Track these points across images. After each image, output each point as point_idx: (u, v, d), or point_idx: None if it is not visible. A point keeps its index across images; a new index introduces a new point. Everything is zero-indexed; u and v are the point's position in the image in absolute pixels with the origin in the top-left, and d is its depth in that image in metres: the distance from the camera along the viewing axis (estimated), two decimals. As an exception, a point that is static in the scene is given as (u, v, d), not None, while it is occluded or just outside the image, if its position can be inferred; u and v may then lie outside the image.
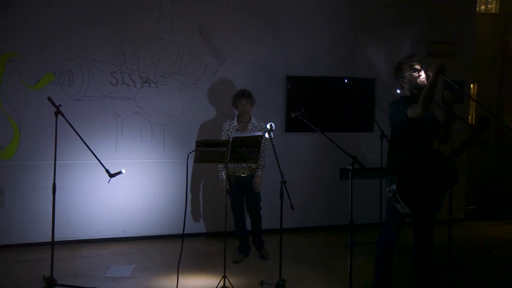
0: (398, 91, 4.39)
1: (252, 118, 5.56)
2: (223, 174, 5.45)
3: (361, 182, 4.38)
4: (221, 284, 4.57)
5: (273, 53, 6.63)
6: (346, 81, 6.92)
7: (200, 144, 4.46)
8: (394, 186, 3.89)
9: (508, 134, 7.96)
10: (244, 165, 5.36)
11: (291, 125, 6.67)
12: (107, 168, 4.58)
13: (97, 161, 4.63)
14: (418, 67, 4.03)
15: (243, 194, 5.59)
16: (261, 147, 4.98)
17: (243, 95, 5.51)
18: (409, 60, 4.07)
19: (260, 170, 5.53)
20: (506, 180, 7.94)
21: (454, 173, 4.03)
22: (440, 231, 4.35)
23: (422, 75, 4.03)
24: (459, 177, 4.10)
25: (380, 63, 6.94)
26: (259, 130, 5.46)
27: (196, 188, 6.46)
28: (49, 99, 4.57)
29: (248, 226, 5.78)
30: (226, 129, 5.53)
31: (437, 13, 7.20)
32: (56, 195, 4.58)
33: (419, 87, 4.01)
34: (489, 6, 8.48)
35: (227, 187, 5.22)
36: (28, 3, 5.82)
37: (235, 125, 5.52)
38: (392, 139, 4.33)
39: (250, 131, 5.44)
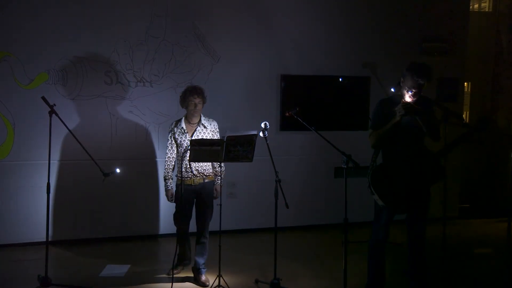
0: (392, 89, 4.41)
1: (202, 119, 4.90)
2: (169, 183, 4.91)
3: (355, 181, 4.39)
4: (216, 283, 4.57)
5: (267, 52, 6.63)
6: (341, 79, 6.93)
7: (194, 143, 4.46)
8: (369, 179, 4.02)
9: (502, 133, 8.00)
10: (195, 172, 4.78)
11: (286, 124, 6.67)
12: (101, 167, 4.58)
13: (92, 161, 4.63)
14: (413, 90, 3.95)
15: (192, 204, 4.92)
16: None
17: (196, 92, 4.75)
18: (413, 74, 3.92)
19: (220, 178, 4.92)
20: (500, 178, 7.97)
21: (439, 169, 4.06)
22: (433, 228, 4.38)
23: (409, 98, 4.01)
24: (445, 174, 4.13)
25: (374, 61, 6.96)
26: (212, 132, 4.91)
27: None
28: (43, 98, 4.56)
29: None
30: (173, 131, 4.88)
31: (430, 12, 7.23)
32: (50, 194, 4.57)
33: (403, 99, 4.04)
34: (483, 4, 8.51)
35: (173, 197, 4.90)
36: (22, 3, 5.79)
37: (182, 127, 4.84)
38: None
39: (199, 133, 4.83)
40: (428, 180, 4.07)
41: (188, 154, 4.52)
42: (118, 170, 4.97)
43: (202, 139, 4.78)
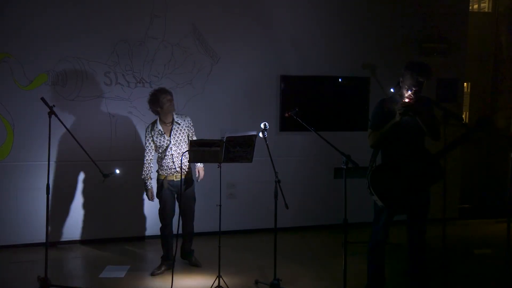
0: (392, 89, 4.40)
1: (175, 117, 5.07)
2: (148, 183, 5.12)
3: (355, 181, 4.39)
4: (216, 283, 4.57)
5: (267, 52, 6.63)
6: (340, 80, 6.93)
7: (194, 144, 4.46)
8: (368, 179, 4.00)
9: (501, 133, 8.00)
10: (178, 169, 4.99)
11: (286, 125, 6.67)
12: (101, 168, 4.58)
13: (91, 161, 4.63)
14: (413, 88, 3.95)
15: (174, 200, 5.16)
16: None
17: (166, 91, 4.97)
18: (412, 72, 3.94)
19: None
20: (499, 179, 7.97)
21: (438, 170, 4.05)
22: (434, 229, 4.37)
23: (409, 97, 4.00)
24: (444, 175, 4.12)
25: (374, 61, 6.96)
26: (187, 127, 5.11)
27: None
28: (43, 99, 4.56)
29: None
30: (150, 134, 5.05)
31: (430, 12, 7.22)
32: (50, 195, 4.56)
33: (402, 99, 4.04)
34: (482, 5, 8.52)
35: (153, 196, 5.14)
36: (21, 4, 5.79)
37: (159, 129, 5.01)
38: None
39: (176, 131, 5.03)
40: (427, 181, 4.06)
41: (168, 153, 4.98)
42: (117, 171, 4.97)
43: (202, 139, 4.80)
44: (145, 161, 5.11)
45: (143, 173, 5.12)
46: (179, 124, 5.07)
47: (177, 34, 6.29)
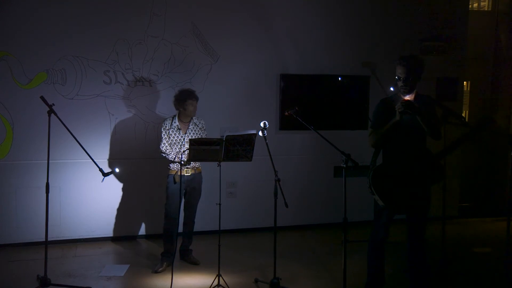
0: (392, 88, 4.40)
1: (194, 118, 5.33)
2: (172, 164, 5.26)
3: (355, 180, 4.39)
4: (216, 282, 4.57)
5: (266, 51, 6.63)
6: (340, 79, 6.92)
7: (193, 142, 4.46)
8: (370, 179, 3.99)
9: (501, 132, 7.99)
10: (189, 166, 5.20)
11: (285, 124, 6.66)
12: (100, 167, 4.58)
13: (91, 160, 4.63)
14: (400, 76, 3.97)
15: (181, 196, 5.19)
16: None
17: (194, 96, 5.20)
18: (400, 61, 3.99)
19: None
20: (499, 177, 7.97)
21: (439, 170, 4.05)
22: (434, 227, 4.37)
23: (402, 87, 4.01)
24: (444, 174, 4.11)
25: (374, 60, 6.95)
26: (200, 129, 5.31)
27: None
28: (42, 98, 4.56)
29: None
30: (167, 128, 5.24)
31: (430, 11, 7.22)
32: (49, 194, 4.56)
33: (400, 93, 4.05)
34: (482, 3, 8.50)
35: (168, 185, 5.25)
36: (21, 3, 5.78)
37: (177, 125, 5.24)
38: None
39: (191, 130, 5.25)
40: (428, 181, 4.06)
41: (181, 149, 5.12)
42: (117, 170, 4.98)
43: (201, 138, 4.86)
44: (163, 150, 5.25)
45: (169, 157, 5.22)
46: (197, 125, 5.31)
47: (177, 33, 6.29)
